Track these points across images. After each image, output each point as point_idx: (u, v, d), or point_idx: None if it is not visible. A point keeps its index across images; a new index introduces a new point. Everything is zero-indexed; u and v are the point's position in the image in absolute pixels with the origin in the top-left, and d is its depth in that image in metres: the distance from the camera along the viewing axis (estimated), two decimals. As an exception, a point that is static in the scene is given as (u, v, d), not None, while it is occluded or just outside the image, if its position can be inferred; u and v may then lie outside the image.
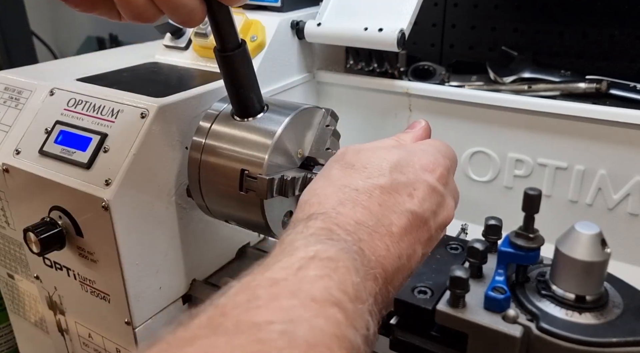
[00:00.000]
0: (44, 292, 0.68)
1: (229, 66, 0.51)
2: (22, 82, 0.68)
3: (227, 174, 0.54)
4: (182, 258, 0.63)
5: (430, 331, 0.41)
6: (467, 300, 0.39)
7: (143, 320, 0.60)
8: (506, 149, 0.72)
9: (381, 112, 0.80)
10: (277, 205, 0.55)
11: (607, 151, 0.65)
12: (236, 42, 0.50)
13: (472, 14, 0.90)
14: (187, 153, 0.57)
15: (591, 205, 0.68)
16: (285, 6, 0.76)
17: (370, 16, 0.73)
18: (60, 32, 2.04)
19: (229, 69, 0.51)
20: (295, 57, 0.78)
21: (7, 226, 0.69)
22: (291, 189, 0.53)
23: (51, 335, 0.72)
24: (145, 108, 0.56)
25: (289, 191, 0.53)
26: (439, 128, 0.76)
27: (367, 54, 0.82)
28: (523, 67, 0.80)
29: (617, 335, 0.35)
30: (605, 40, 0.80)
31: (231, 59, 0.50)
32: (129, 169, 0.54)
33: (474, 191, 0.76)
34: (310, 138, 0.57)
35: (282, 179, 0.52)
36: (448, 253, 0.46)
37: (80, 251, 0.59)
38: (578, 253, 0.36)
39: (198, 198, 0.58)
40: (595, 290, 0.37)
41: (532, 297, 0.39)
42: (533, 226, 0.38)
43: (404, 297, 0.41)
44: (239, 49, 0.50)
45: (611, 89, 0.73)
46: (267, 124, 0.54)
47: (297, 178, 0.53)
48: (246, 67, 0.51)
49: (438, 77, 0.83)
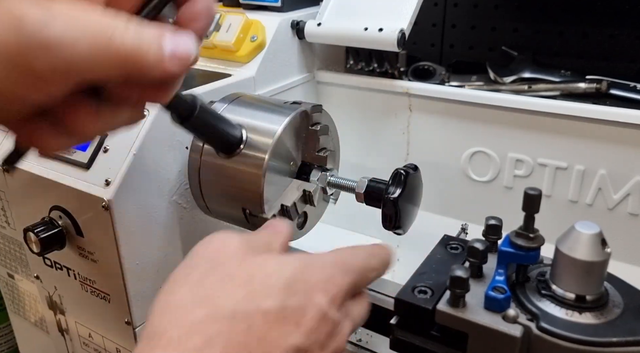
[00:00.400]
0: (44, 292, 0.68)
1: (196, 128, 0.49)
2: (22, 82, 0.68)
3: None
4: (182, 258, 0.63)
5: (430, 331, 0.41)
6: (467, 300, 0.39)
7: (143, 320, 0.60)
8: (506, 149, 0.72)
9: (381, 112, 0.80)
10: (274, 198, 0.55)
11: (607, 151, 0.65)
12: (190, 108, 0.45)
13: (472, 14, 0.90)
14: (187, 153, 0.57)
15: (591, 205, 0.68)
16: (286, 6, 0.76)
17: (370, 16, 0.73)
18: (60, 32, 2.04)
19: (197, 130, 0.49)
20: (295, 57, 0.78)
21: (7, 226, 0.69)
22: (294, 212, 0.55)
23: (51, 335, 0.72)
24: (145, 108, 0.56)
25: (293, 215, 0.55)
26: (439, 128, 0.76)
27: (367, 54, 0.82)
28: (523, 67, 0.80)
29: (617, 334, 0.35)
30: (605, 41, 0.80)
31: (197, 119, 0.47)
32: (129, 169, 0.54)
33: (474, 191, 0.76)
34: (299, 146, 0.56)
35: (283, 208, 0.54)
36: (448, 253, 0.46)
37: (81, 251, 0.59)
38: (578, 253, 0.36)
39: (198, 198, 0.58)
40: (596, 289, 0.37)
41: (532, 297, 0.39)
42: (533, 226, 0.38)
43: (404, 297, 0.41)
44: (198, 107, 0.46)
45: (611, 89, 0.73)
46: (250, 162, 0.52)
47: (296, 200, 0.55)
48: (210, 118, 0.49)
49: (438, 77, 0.83)
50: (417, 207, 0.55)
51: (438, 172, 0.77)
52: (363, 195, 0.54)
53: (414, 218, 0.55)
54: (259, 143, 0.52)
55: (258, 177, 0.51)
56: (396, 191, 0.50)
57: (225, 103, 0.57)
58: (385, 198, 0.50)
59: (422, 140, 0.78)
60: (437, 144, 0.77)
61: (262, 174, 0.51)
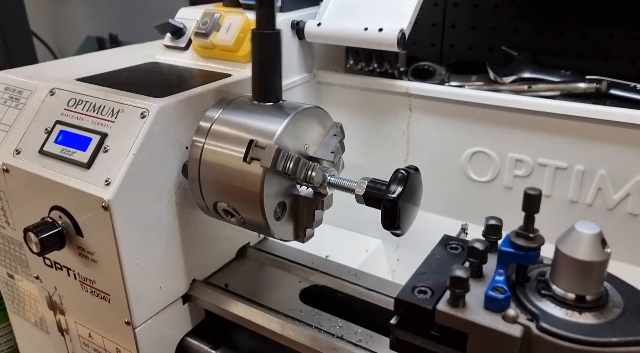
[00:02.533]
0: (44, 292, 0.68)
1: (262, 45, 0.54)
2: (22, 82, 0.69)
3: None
4: (182, 258, 0.63)
5: (430, 331, 0.41)
6: (467, 300, 0.39)
7: (143, 320, 0.60)
8: (506, 149, 0.72)
9: (381, 112, 0.80)
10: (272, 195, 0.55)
11: (607, 151, 0.65)
12: (273, 26, 0.54)
13: (472, 14, 0.90)
14: (187, 153, 0.57)
15: (591, 205, 0.68)
16: (286, 6, 0.76)
17: (370, 16, 0.73)
18: (60, 32, 2.04)
19: (261, 48, 0.55)
20: (296, 57, 0.78)
21: (7, 226, 0.69)
22: (294, 169, 0.53)
23: (51, 335, 0.72)
24: (145, 108, 0.56)
25: (293, 170, 0.53)
26: (439, 128, 0.76)
27: (367, 54, 0.82)
28: (523, 67, 0.80)
29: (617, 334, 0.35)
30: (605, 41, 0.80)
31: (266, 38, 0.54)
32: (129, 169, 0.54)
33: (474, 191, 0.76)
34: (319, 138, 0.58)
35: (289, 155, 0.53)
36: (448, 253, 0.46)
37: (81, 251, 0.59)
38: (578, 253, 0.36)
39: (198, 198, 0.58)
40: (595, 289, 0.37)
41: (532, 297, 0.39)
42: (533, 226, 0.38)
43: (404, 297, 0.41)
44: (275, 31, 0.54)
45: (611, 89, 0.73)
46: (283, 109, 0.56)
47: (303, 162, 0.54)
48: (276, 52, 0.55)
49: (438, 77, 0.83)
50: (417, 207, 0.55)
51: (438, 172, 0.77)
52: (363, 196, 0.54)
53: (414, 219, 0.55)
54: (293, 105, 0.56)
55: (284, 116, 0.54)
56: (396, 190, 0.50)
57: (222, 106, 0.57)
58: (385, 198, 0.50)
59: (422, 140, 0.78)
60: (437, 144, 0.77)
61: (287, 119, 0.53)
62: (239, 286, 0.66)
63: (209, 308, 0.66)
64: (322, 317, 0.60)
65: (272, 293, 0.65)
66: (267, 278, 0.69)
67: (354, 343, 0.56)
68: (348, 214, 0.79)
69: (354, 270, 0.68)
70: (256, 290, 0.66)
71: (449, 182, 0.77)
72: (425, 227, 0.63)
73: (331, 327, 0.58)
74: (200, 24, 0.72)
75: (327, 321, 0.59)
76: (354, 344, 0.56)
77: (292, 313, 0.61)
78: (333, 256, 0.73)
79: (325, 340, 0.57)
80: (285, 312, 0.61)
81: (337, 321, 0.59)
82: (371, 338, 0.56)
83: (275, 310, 0.62)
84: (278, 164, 0.52)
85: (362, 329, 0.58)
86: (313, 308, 0.62)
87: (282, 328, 0.59)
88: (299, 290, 0.66)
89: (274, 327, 0.59)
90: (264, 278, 0.69)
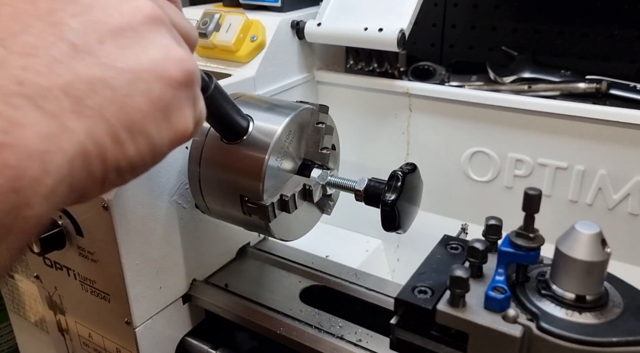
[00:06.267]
0: (44, 292, 0.68)
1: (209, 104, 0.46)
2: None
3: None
4: (182, 258, 0.63)
5: (430, 331, 0.41)
6: (467, 300, 0.39)
7: (143, 320, 0.60)
8: (506, 149, 0.72)
9: (381, 112, 0.80)
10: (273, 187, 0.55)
11: (607, 151, 0.65)
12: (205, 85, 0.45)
13: (472, 14, 0.90)
14: (187, 153, 0.57)
15: (591, 205, 0.68)
16: (286, 6, 0.76)
17: (370, 16, 0.73)
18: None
19: (210, 107, 0.46)
20: (295, 57, 0.78)
21: (7, 226, 0.69)
22: (292, 204, 0.54)
23: (51, 335, 0.72)
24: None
25: (291, 207, 0.54)
26: (439, 128, 0.76)
27: (367, 54, 0.82)
28: (523, 67, 0.80)
29: (617, 334, 0.35)
30: (605, 41, 0.80)
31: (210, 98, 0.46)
32: (129, 169, 0.54)
33: (474, 191, 0.76)
34: (303, 142, 0.57)
35: (281, 199, 0.53)
36: (448, 253, 0.46)
37: (81, 251, 0.59)
38: (578, 252, 0.36)
39: (198, 198, 0.58)
40: (595, 289, 0.37)
41: (532, 297, 0.39)
42: (533, 226, 0.38)
43: (404, 297, 0.41)
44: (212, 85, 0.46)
45: (611, 89, 0.73)
46: (254, 148, 0.52)
47: (296, 193, 0.53)
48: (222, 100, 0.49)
49: (438, 77, 0.83)
50: (417, 206, 0.55)
51: (438, 172, 0.77)
52: (362, 195, 0.54)
53: (414, 217, 0.55)
54: (266, 129, 0.53)
55: (259, 163, 0.51)
56: (392, 195, 0.50)
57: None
58: (383, 200, 0.50)
59: (422, 140, 0.78)
60: (437, 144, 0.77)
61: (266, 159, 0.51)
62: (239, 286, 0.66)
63: (209, 308, 0.66)
64: (322, 317, 0.60)
65: (272, 293, 0.65)
66: (267, 278, 0.69)
67: (354, 343, 0.56)
68: (348, 215, 0.79)
69: (354, 270, 0.68)
70: (256, 290, 0.66)
71: (449, 182, 0.77)
72: (425, 227, 0.63)
73: (331, 327, 0.58)
74: (200, 24, 0.72)
75: (327, 321, 0.59)
76: (354, 344, 0.56)
77: (292, 313, 0.61)
78: (333, 256, 0.73)
79: (325, 340, 0.57)
80: (285, 311, 0.61)
81: (337, 321, 0.59)
82: (371, 338, 0.56)
83: (275, 310, 0.62)
84: (276, 213, 0.53)
85: (362, 329, 0.58)
86: (313, 308, 0.62)
87: (282, 328, 0.59)
88: (299, 290, 0.66)
89: (274, 326, 0.59)
90: (264, 278, 0.69)
